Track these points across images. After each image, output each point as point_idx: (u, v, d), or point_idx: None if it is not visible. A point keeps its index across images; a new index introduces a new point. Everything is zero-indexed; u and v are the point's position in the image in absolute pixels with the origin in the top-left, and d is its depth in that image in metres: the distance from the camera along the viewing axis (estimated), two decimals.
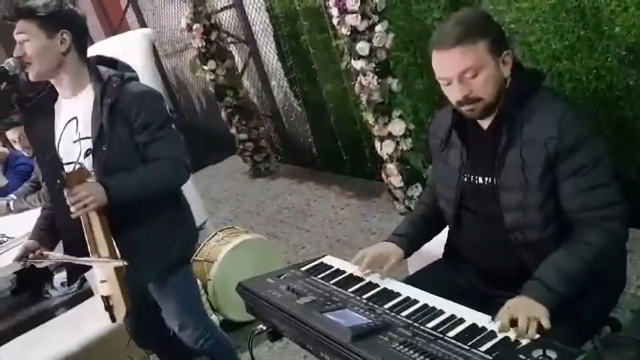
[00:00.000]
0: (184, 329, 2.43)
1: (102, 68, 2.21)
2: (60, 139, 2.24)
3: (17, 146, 4.16)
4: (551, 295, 1.58)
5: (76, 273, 2.49)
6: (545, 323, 1.49)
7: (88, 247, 2.11)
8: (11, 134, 4.14)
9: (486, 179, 1.82)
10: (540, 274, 1.63)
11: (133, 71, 2.29)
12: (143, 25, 7.83)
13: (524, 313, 1.51)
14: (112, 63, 2.27)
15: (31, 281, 4.62)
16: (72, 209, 2.03)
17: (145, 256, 2.21)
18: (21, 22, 2.09)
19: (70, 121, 2.22)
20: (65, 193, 2.05)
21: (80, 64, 2.19)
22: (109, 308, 2.16)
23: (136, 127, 2.13)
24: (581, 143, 1.65)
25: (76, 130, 2.20)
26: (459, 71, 1.70)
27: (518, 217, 1.74)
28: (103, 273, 2.14)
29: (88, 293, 3.64)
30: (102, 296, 2.17)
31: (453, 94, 1.76)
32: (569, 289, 1.60)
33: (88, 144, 2.15)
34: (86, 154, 2.16)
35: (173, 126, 2.24)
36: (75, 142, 2.19)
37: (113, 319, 2.18)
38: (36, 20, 2.08)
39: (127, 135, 2.14)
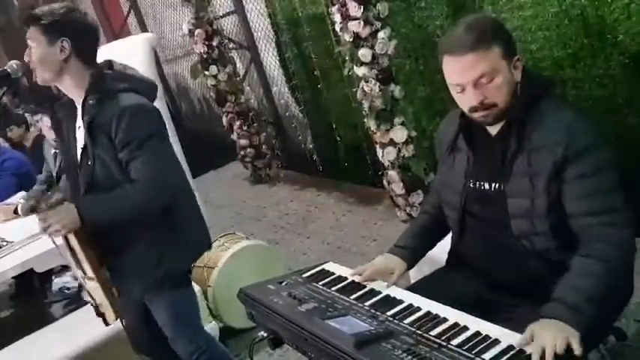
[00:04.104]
0: (175, 343, 2.41)
1: (108, 76, 2.21)
2: (76, 142, 2.27)
3: (52, 134, 4.09)
4: (579, 316, 1.50)
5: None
6: (577, 347, 1.41)
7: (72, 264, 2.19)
8: (48, 122, 4.08)
9: (493, 185, 1.80)
10: (560, 295, 1.56)
11: (131, 81, 2.24)
12: (145, 30, 7.85)
13: (554, 332, 1.44)
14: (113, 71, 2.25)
15: (29, 286, 4.61)
16: (47, 233, 2.07)
17: (134, 271, 2.23)
18: (30, 28, 2.13)
19: (79, 127, 2.23)
20: (37, 218, 2.07)
21: (84, 72, 2.18)
22: (100, 314, 2.24)
23: (117, 144, 2.09)
24: (589, 150, 1.64)
25: (81, 138, 2.21)
26: (474, 77, 1.68)
27: (525, 225, 1.73)
28: (90, 285, 2.20)
29: None
30: (92, 304, 2.24)
31: (467, 100, 1.73)
32: (593, 308, 1.53)
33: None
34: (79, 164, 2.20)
35: (162, 140, 2.16)
36: (81, 148, 2.21)
37: (106, 323, 2.26)
38: (40, 27, 2.11)
39: (110, 149, 2.11)
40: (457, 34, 1.72)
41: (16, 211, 4.09)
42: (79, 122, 2.22)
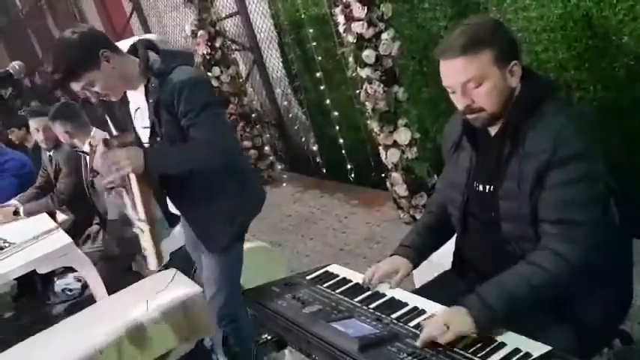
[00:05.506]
0: (214, 299, 2.54)
1: (152, 58, 2.31)
2: (134, 124, 2.44)
3: (38, 136, 4.14)
4: (486, 310, 1.55)
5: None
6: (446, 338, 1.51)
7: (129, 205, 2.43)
8: (35, 123, 4.13)
9: (487, 187, 1.80)
10: (481, 288, 1.61)
11: (178, 56, 2.37)
12: (147, 31, 7.85)
13: (448, 322, 1.53)
14: (157, 51, 2.36)
15: (32, 287, 4.60)
16: (112, 169, 2.18)
17: (216, 223, 2.43)
18: (75, 82, 2.22)
19: (137, 109, 2.39)
20: (107, 155, 2.20)
21: (126, 61, 2.30)
22: (143, 258, 2.49)
23: (179, 114, 2.23)
24: (573, 158, 1.61)
25: (142, 118, 2.37)
26: (461, 81, 1.69)
27: (514, 228, 1.72)
28: (142, 227, 2.40)
29: (90, 300, 3.62)
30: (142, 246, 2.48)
31: (457, 102, 1.75)
32: (508, 309, 1.56)
33: (146, 132, 2.36)
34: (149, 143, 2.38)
35: (217, 107, 2.32)
36: (144, 128, 2.38)
37: (147, 268, 2.52)
38: (84, 70, 2.19)
39: (174, 123, 2.25)
40: (450, 39, 1.72)
41: (15, 213, 4.10)
42: (137, 104, 2.37)
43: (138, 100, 2.37)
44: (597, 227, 1.61)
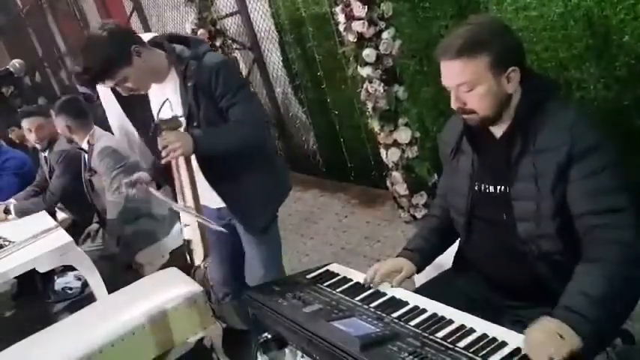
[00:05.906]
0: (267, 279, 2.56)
1: (178, 48, 2.37)
2: (159, 117, 2.41)
3: (31, 136, 4.14)
4: (585, 322, 1.48)
5: None
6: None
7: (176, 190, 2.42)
8: (27, 123, 4.12)
9: (498, 188, 1.79)
10: (567, 301, 1.54)
11: (203, 43, 2.45)
12: (148, 30, 7.83)
13: (562, 333, 1.45)
14: (185, 40, 2.42)
15: (32, 285, 4.60)
16: (162, 154, 2.22)
17: (256, 200, 2.49)
18: (109, 80, 2.26)
19: (164, 102, 2.37)
20: (158, 139, 2.26)
21: (154, 54, 2.33)
22: (189, 252, 2.46)
23: (216, 96, 2.31)
24: (594, 149, 1.63)
25: (171, 109, 2.36)
26: (454, 84, 1.71)
27: (531, 227, 1.71)
28: (187, 218, 2.42)
29: (90, 299, 3.61)
30: (184, 239, 2.47)
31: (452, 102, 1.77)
32: (601, 311, 1.52)
33: (183, 120, 2.36)
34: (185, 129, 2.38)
35: (248, 86, 2.42)
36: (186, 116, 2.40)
37: (192, 261, 2.48)
38: (115, 71, 2.22)
39: (211, 105, 2.32)
40: (449, 39, 1.73)
41: (6, 211, 4.09)
42: (164, 96, 2.38)
43: (165, 92, 2.40)
44: (634, 209, 1.62)
